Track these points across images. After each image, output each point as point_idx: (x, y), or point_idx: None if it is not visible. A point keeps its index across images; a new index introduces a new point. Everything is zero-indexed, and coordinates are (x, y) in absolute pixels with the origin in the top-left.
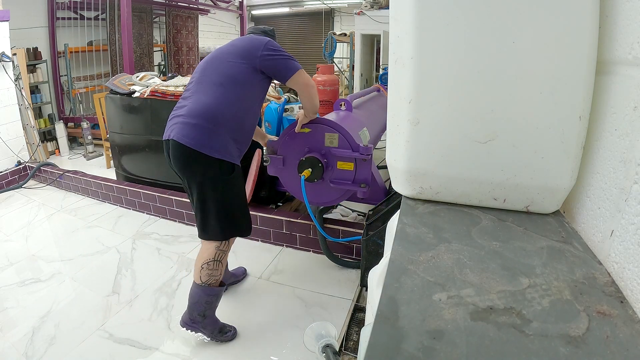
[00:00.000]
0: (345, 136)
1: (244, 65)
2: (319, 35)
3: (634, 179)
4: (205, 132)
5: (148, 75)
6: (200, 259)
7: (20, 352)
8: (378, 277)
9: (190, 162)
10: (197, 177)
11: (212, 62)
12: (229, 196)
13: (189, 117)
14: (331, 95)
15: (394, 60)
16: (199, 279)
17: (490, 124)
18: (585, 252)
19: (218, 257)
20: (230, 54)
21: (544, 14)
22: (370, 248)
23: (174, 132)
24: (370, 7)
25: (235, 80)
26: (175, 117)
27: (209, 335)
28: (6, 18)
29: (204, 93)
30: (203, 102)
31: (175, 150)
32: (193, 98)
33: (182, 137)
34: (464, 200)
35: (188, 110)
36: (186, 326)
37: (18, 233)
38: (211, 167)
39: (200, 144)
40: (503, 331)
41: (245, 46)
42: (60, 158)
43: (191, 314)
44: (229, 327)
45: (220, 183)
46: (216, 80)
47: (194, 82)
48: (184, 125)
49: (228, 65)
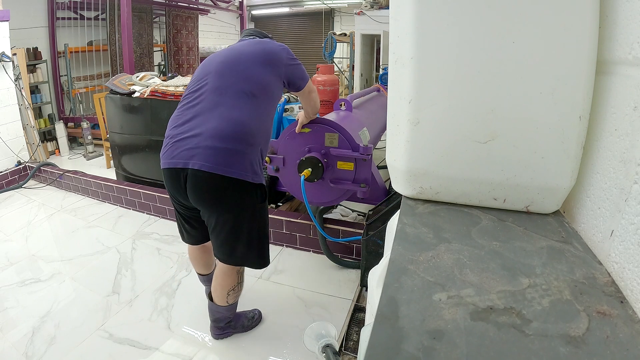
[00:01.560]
0: (345, 136)
1: (271, 74)
2: (319, 35)
3: (634, 179)
4: (243, 157)
5: (148, 75)
6: (225, 287)
7: (20, 352)
8: (378, 277)
9: (227, 194)
10: (234, 208)
11: (234, 66)
12: (264, 223)
13: (218, 140)
14: (331, 95)
15: (394, 60)
16: (225, 302)
17: (490, 124)
18: (585, 252)
19: (240, 280)
20: (251, 60)
21: (544, 14)
22: (370, 248)
23: (197, 159)
24: (370, 7)
25: (265, 90)
26: (189, 138)
27: (242, 330)
28: (6, 18)
29: (233, 107)
30: (235, 119)
31: (205, 182)
32: (218, 113)
33: (216, 165)
34: (464, 200)
35: (215, 131)
36: (220, 336)
37: (18, 233)
38: (250, 194)
39: (240, 171)
40: (503, 331)
41: (267, 51)
42: (60, 158)
43: (218, 326)
44: (252, 312)
45: (259, 210)
46: (245, 89)
47: (207, 90)
48: (213, 150)
49: (254, 72)
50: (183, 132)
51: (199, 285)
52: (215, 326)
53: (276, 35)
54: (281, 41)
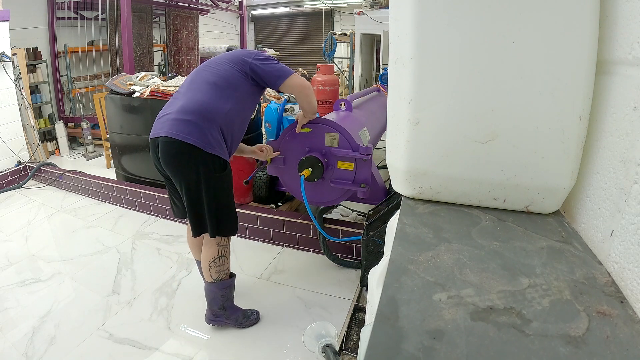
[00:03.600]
0: (345, 136)
1: (235, 69)
2: (319, 35)
3: (634, 179)
4: (199, 128)
5: (148, 75)
6: (206, 259)
7: (20, 352)
8: (378, 277)
9: (185, 158)
10: (191, 175)
11: (204, 68)
12: (222, 193)
13: (181, 114)
14: (331, 95)
15: (394, 60)
16: (210, 277)
17: (490, 124)
18: (585, 252)
19: (221, 252)
20: (221, 61)
21: (544, 14)
22: (370, 248)
23: (165, 128)
24: (370, 7)
25: (228, 81)
26: (165, 116)
27: (235, 324)
28: (6, 18)
29: (198, 91)
30: (197, 99)
31: (168, 146)
32: (186, 96)
33: (177, 132)
34: (464, 200)
35: (180, 107)
36: (212, 322)
37: (18, 233)
38: (206, 162)
39: (195, 138)
40: (503, 331)
41: (236, 54)
42: (60, 158)
43: (212, 310)
44: (251, 311)
45: (214, 180)
46: (210, 79)
47: (186, 84)
48: (177, 121)
49: (220, 68)
50: (162, 113)
51: (199, 285)
52: (209, 309)
53: (276, 35)
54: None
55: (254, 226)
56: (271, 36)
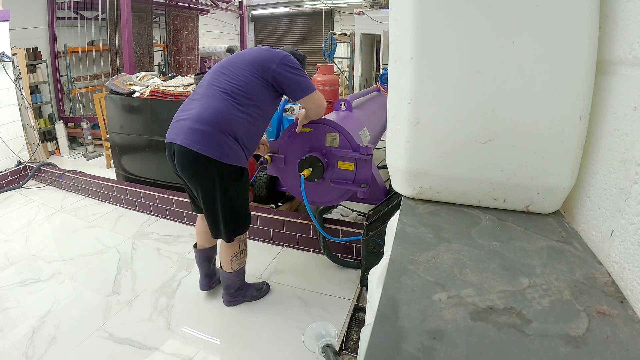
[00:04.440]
0: (345, 136)
1: (255, 77)
2: (319, 35)
3: (634, 179)
4: (215, 139)
5: (148, 75)
6: (228, 254)
7: (20, 352)
8: (378, 277)
9: (201, 169)
10: (207, 183)
11: (224, 71)
12: (238, 199)
13: (197, 123)
14: (331, 95)
15: (394, 60)
16: (230, 269)
17: (490, 124)
18: (585, 252)
19: (242, 247)
20: (242, 64)
21: (544, 14)
22: (370, 248)
23: (181, 136)
24: (370, 7)
25: (247, 90)
26: (181, 120)
27: (251, 299)
28: (6, 18)
29: (214, 98)
30: (213, 108)
31: (184, 156)
32: (202, 102)
33: (192, 143)
34: (464, 200)
35: (196, 115)
36: (231, 304)
37: (18, 233)
38: (222, 173)
39: (212, 150)
40: (503, 331)
41: (260, 56)
42: (60, 158)
43: (229, 293)
44: (261, 284)
45: (231, 188)
46: (227, 87)
47: (205, 84)
48: (192, 130)
49: (240, 74)
50: (178, 116)
51: (198, 285)
52: (226, 293)
53: (276, 35)
54: (281, 41)
55: (254, 226)
56: (271, 36)
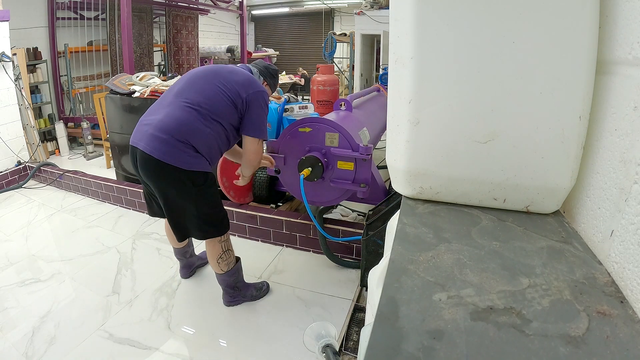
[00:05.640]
0: (345, 136)
1: (225, 97)
2: (319, 35)
3: (634, 179)
4: (176, 148)
5: (148, 75)
6: (213, 257)
7: (20, 352)
8: (378, 277)
9: (163, 175)
10: (169, 189)
11: (196, 80)
12: (204, 202)
13: (158, 130)
14: (331, 95)
15: (394, 60)
16: (220, 270)
17: (490, 124)
18: (585, 252)
19: (225, 247)
20: (215, 80)
21: (544, 14)
22: (370, 248)
23: (143, 142)
24: (370, 7)
25: (214, 107)
26: (145, 125)
27: (251, 299)
28: (6, 18)
29: (180, 108)
30: (176, 117)
31: (146, 162)
32: (167, 110)
33: (152, 150)
34: (464, 200)
35: (158, 122)
36: (230, 304)
37: (18, 233)
38: (182, 180)
39: (172, 158)
40: (503, 331)
41: (233, 79)
42: (60, 158)
43: (228, 293)
44: (261, 284)
45: (194, 193)
46: (196, 99)
47: (175, 91)
48: (153, 137)
49: (211, 90)
50: (144, 120)
51: (199, 285)
52: (225, 293)
53: (276, 35)
54: (281, 41)
55: (254, 226)
56: (271, 36)
